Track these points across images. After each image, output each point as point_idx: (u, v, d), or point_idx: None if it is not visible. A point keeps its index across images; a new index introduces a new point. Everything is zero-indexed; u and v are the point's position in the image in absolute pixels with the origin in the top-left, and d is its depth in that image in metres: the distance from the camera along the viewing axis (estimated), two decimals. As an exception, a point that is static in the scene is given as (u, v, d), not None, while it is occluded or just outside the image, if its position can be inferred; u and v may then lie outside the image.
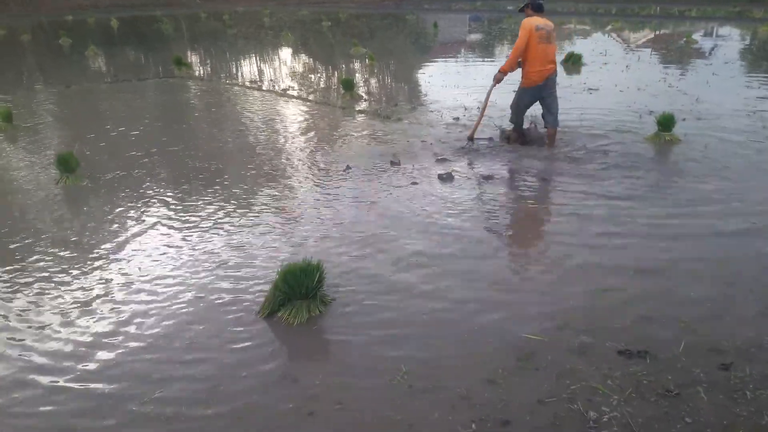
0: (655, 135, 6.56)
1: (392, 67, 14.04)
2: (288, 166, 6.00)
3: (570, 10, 33.05)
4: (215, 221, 4.63)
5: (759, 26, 20.96)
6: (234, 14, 35.21)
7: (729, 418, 2.41)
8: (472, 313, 3.25)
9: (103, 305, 3.42)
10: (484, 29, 23.86)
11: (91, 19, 31.62)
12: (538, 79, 6.00)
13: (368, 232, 4.32)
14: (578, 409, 2.48)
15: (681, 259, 3.78)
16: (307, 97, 10.01)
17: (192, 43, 20.77)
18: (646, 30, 22.12)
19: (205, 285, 3.62)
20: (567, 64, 12.52)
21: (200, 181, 5.59)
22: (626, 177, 5.36)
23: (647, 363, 2.77)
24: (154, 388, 2.70)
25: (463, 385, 2.66)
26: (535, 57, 5.92)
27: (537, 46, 5.87)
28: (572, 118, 7.63)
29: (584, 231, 4.24)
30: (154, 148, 6.77)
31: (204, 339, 3.08)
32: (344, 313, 3.29)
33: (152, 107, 9.69)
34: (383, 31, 24.36)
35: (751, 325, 3.06)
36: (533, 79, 6.02)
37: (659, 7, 33.47)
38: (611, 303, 3.30)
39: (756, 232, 4.17)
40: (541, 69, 5.96)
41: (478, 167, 5.78)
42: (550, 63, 6.00)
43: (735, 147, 6.21)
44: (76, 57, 16.05)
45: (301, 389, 2.68)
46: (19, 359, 2.96)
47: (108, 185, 5.53)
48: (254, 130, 7.66)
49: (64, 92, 10.77)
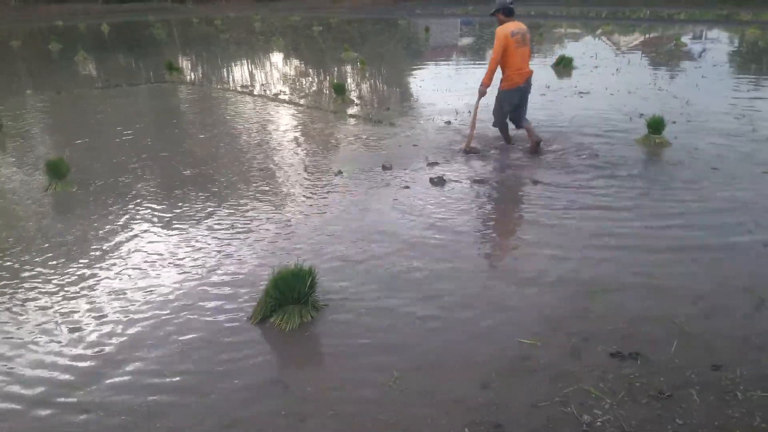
0: (645, 137, 6.59)
1: (384, 71, 14.06)
2: (279, 171, 5.99)
3: (561, 14, 33.26)
4: (206, 227, 4.60)
5: (746, 29, 21.19)
6: (226, 19, 35.19)
7: (721, 420, 2.42)
8: (465, 317, 3.24)
9: (89, 314, 3.38)
10: (476, 33, 23.95)
11: (83, 24, 31.51)
12: (520, 80, 6.13)
13: (360, 237, 4.31)
14: (571, 413, 2.48)
15: (672, 262, 3.79)
16: (298, 101, 10.00)
17: (184, 48, 20.75)
18: (636, 33, 22.29)
19: (195, 292, 3.59)
20: (558, 68, 12.59)
21: (191, 187, 5.56)
22: (616, 180, 5.38)
23: (639, 365, 2.77)
24: (143, 401, 2.66)
25: (457, 389, 2.65)
26: (514, 61, 6.05)
27: (515, 51, 6.01)
28: (563, 121, 7.67)
29: (575, 235, 4.25)
30: (145, 153, 6.74)
31: (195, 347, 3.05)
32: (336, 319, 3.27)
33: (144, 112, 9.65)
34: (375, 35, 24.40)
35: (741, 325, 3.08)
36: (515, 80, 6.13)
37: (649, 10, 33.73)
38: (603, 305, 3.30)
39: (747, 234, 4.19)
40: (520, 71, 6.10)
41: (469, 171, 5.79)
42: (527, 65, 6.18)
43: (724, 150, 6.25)
44: (66, 63, 15.97)
45: (293, 395, 2.67)
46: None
47: (98, 192, 5.49)
48: (245, 135, 7.65)
49: (55, 98, 10.71)
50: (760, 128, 7.06)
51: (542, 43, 18.77)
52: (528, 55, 6.17)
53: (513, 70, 6.08)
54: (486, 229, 4.46)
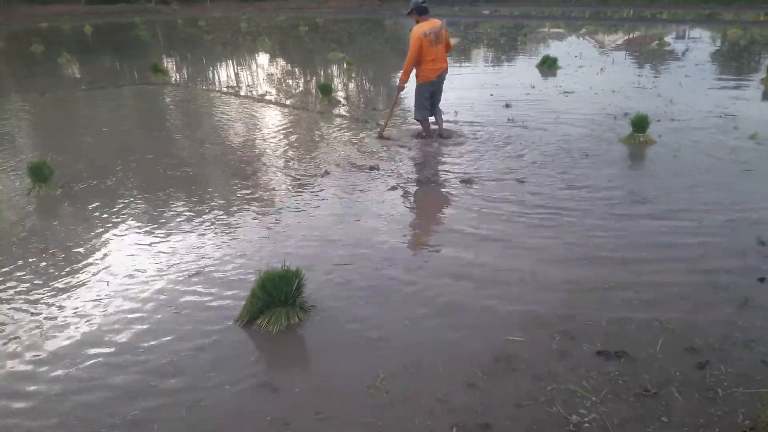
0: (629, 136, 6.65)
1: (370, 71, 14.05)
2: (265, 172, 5.97)
3: (544, 15, 33.44)
4: (191, 229, 4.57)
5: (728, 28, 21.43)
6: (211, 20, 34.97)
7: (705, 417, 2.45)
8: (452, 317, 3.25)
9: (73, 319, 3.34)
10: (460, 33, 24.00)
11: (66, 26, 31.18)
12: (433, 75, 6.66)
13: (347, 238, 4.31)
14: (557, 412, 2.50)
15: (656, 259, 3.83)
16: (284, 102, 9.97)
17: (169, 49, 20.59)
18: (620, 33, 22.47)
19: (181, 295, 3.57)
20: (543, 68, 12.66)
21: (176, 189, 5.52)
22: (603, 176, 5.43)
23: (624, 363, 2.80)
24: (129, 409, 2.62)
25: (443, 390, 2.66)
26: (428, 59, 6.56)
27: (429, 50, 6.51)
28: (549, 121, 7.72)
29: (561, 232, 4.28)
30: (131, 155, 6.68)
31: (181, 350, 3.02)
32: (323, 320, 3.27)
33: (129, 114, 9.56)
34: (361, 36, 24.38)
35: (725, 323, 3.12)
36: (428, 76, 6.66)
37: (632, 10, 34.02)
38: (589, 304, 3.33)
39: (729, 231, 4.24)
40: (433, 67, 6.61)
41: (456, 171, 5.80)
42: (441, 62, 6.67)
43: (708, 148, 6.32)
44: (50, 64, 15.80)
45: (279, 398, 2.66)
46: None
47: (81, 194, 5.43)
48: (231, 137, 7.61)
49: (39, 100, 10.58)
50: (742, 126, 7.14)
51: (526, 43, 18.86)
52: (443, 51, 6.66)
53: (427, 67, 6.60)
54: (473, 229, 4.44)
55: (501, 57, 15.85)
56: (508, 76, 11.94)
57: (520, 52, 16.60)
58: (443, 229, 4.48)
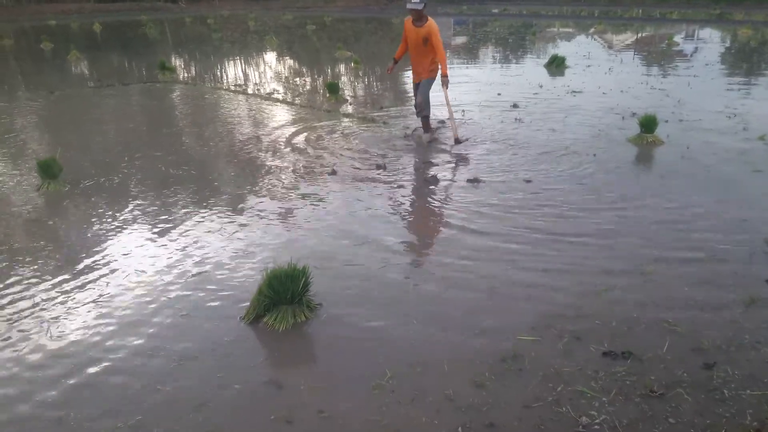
0: (638, 137, 6.62)
1: (377, 70, 14.04)
2: (273, 170, 5.97)
3: (554, 14, 33.32)
4: (197, 226, 4.59)
5: (738, 28, 21.28)
6: (219, 18, 35.05)
7: (712, 418, 2.43)
8: (459, 317, 3.25)
9: (82, 317, 3.36)
10: (469, 32, 23.96)
11: (75, 23, 31.32)
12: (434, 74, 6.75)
13: (355, 236, 4.31)
14: (565, 412, 2.49)
15: (664, 260, 3.81)
16: (292, 100, 9.98)
17: (177, 47, 20.65)
18: (629, 32, 22.36)
19: (187, 292, 3.58)
20: (551, 67, 12.62)
21: (182, 186, 5.54)
22: (610, 177, 5.41)
23: (631, 364, 2.79)
24: (135, 410, 2.62)
25: (450, 389, 2.66)
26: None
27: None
28: (556, 121, 7.69)
29: (568, 232, 4.26)
30: (138, 153, 6.71)
31: (186, 348, 3.03)
32: (330, 319, 3.27)
33: (136, 112, 9.60)
34: (368, 35, 24.38)
35: (732, 324, 3.10)
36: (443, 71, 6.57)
37: (641, 9, 33.85)
38: (597, 304, 3.32)
39: (737, 231, 4.22)
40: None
41: (463, 170, 5.79)
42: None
43: (716, 149, 6.28)
44: (59, 62, 15.87)
45: (284, 396, 2.66)
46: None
47: (90, 191, 5.46)
48: (238, 135, 7.62)
49: (48, 98, 10.63)
50: (752, 127, 7.10)
51: (535, 42, 18.80)
52: None
53: (434, 63, 6.59)
54: (480, 228, 4.44)
55: (509, 56, 15.81)
56: (516, 76, 11.91)
57: (529, 52, 16.56)
58: (451, 227, 4.47)
